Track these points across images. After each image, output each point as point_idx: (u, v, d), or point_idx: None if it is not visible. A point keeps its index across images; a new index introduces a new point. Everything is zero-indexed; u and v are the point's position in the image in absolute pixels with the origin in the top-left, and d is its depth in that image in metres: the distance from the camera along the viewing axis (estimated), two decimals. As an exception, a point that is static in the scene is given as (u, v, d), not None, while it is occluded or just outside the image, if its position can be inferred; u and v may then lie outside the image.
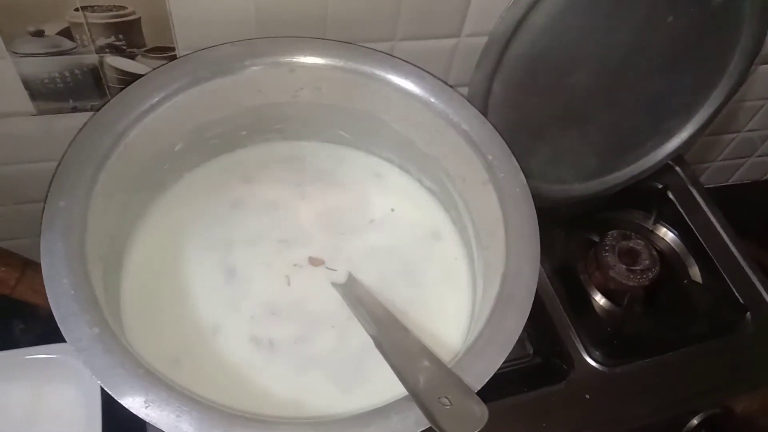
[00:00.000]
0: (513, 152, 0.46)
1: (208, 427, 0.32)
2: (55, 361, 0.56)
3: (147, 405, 0.32)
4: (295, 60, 0.47)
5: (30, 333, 0.66)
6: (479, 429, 0.33)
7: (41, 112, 0.52)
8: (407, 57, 0.49)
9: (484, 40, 0.53)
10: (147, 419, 0.32)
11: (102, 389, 0.53)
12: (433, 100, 0.47)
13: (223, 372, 0.42)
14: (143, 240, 0.47)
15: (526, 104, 0.56)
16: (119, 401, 0.32)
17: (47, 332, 0.65)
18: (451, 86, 0.47)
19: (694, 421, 0.59)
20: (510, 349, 0.37)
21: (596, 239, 0.66)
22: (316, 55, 0.47)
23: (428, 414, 0.34)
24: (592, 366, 0.59)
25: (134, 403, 0.32)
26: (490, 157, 0.45)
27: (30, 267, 0.57)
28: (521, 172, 0.44)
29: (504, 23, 0.49)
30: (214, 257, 0.48)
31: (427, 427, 0.34)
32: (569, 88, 0.56)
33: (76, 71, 0.49)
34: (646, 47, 0.55)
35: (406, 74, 0.48)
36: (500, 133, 0.46)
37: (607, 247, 0.64)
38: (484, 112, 0.51)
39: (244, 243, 0.49)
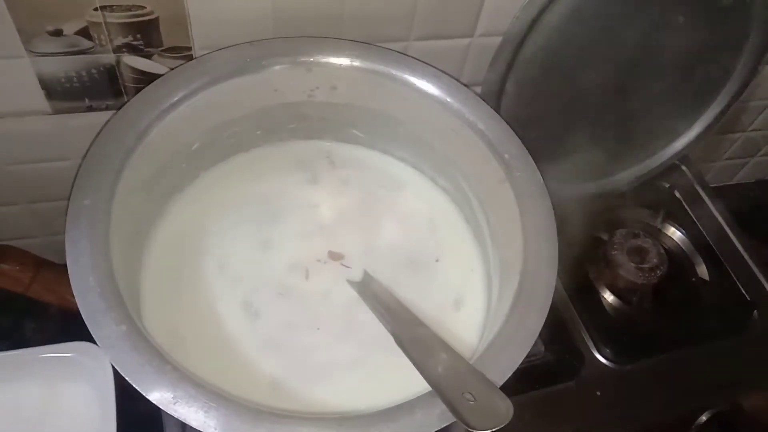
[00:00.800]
0: (526, 151, 0.46)
1: (236, 423, 0.32)
2: (68, 360, 0.56)
3: (175, 401, 0.32)
4: (311, 59, 0.48)
5: (41, 332, 0.66)
6: (504, 424, 0.34)
7: (57, 112, 0.52)
8: (421, 56, 0.49)
9: (497, 40, 0.54)
10: (176, 415, 0.32)
11: (116, 387, 0.54)
12: (449, 99, 0.47)
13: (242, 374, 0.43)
14: (161, 238, 0.47)
15: (537, 103, 0.56)
16: (147, 397, 0.32)
17: (58, 332, 0.66)
18: (466, 86, 0.48)
19: (703, 418, 0.60)
20: (531, 346, 0.37)
21: (605, 238, 0.66)
22: (332, 55, 0.48)
23: (453, 409, 0.34)
24: (603, 363, 0.60)
25: (163, 400, 0.32)
26: (506, 156, 0.45)
27: (44, 266, 0.57)
28: (538, 171, 0.45)
29: (518, 23, 0.49)
30: (231, 253, 0.48)
31: (451, 422, 0.34)
32: (580, 88, 0.56)
33: (93, 71, 0.49)
34: (656, 47, 0.55)
35: (422, 74, 0.48)
36: (516, 133, 0.46)
37: (615, 246, 0.65)
38: (497, 111, 0.51)
39: (260, 242, 0.50)
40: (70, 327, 0.65)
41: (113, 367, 0.53)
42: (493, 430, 0.33)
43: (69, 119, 0.53)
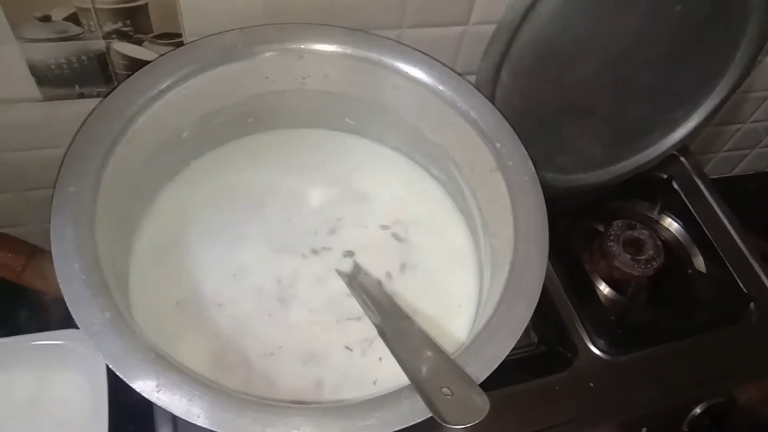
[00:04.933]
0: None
1: (219, 411, 0.32)
2: (60, 348, 0.56)
3: (159, 389, 0.32)
4: (303, 47, 0.47)
5: (35, 320, 0.66)
6: (479, 419, 0.33)
7: (48, 99, 0.52)
8: (415, 44, 0.49)
9: (491, 28, 0.53)
10: (159, 403, 0.32)
11: (108, 375, 0.54)
12: (441, 87, 0.47)
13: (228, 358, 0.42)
14: (151, 226, 0.47)
15: (532, 93, 0.56)
16: (131, 385, 0.32)
17: (52, 319, 0.66)
18: (459, 74, 0.47)
19: (698, 410, 0.59)
20: (518, 337, 0.37)
21: (601, 229, 0.66)
22: (324, 42, 0.47)
23: (429, 403, 0.34)
24: (597, 355, 0.59)
25: (146, 387, 0.32)
26: (498, 145, 0.45)
27: (37, 253, 0.57)
28: (530, 160, 0.44)
29: (512, 11, 0.49)
30: (221, 243, 0.48)
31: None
32: (576, 77, 0.55)
33: (83, 57, 0.49)
34: (653, 37, 0.55)
35: (414, 62, 0.47)
36: (509, 122, 0.46)
37: (611, 237, 0.64)
38: (492, 101, 0.51)
39: (250, 230, 0.49)
40: (65, 315, 0.65)
41: None
42: (468, 425, 0.33)
43: (60, 106, 0.52)
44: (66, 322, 0.56)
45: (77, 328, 0.54)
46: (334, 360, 0.43)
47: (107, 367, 0.53)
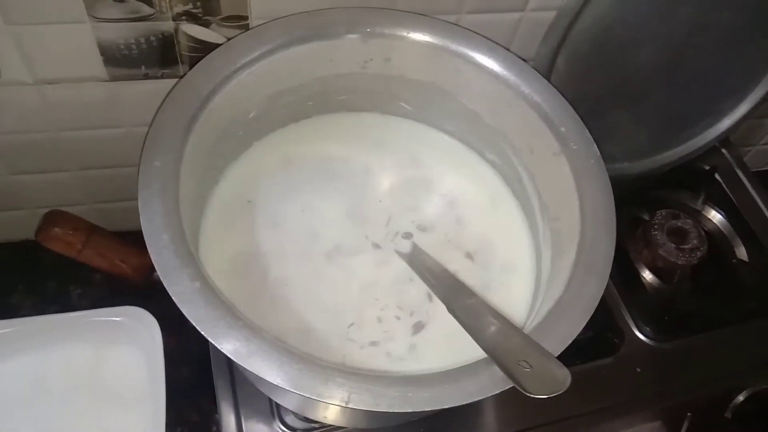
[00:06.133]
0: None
1: (308, 378, 0.33)
2: (118, 324, 0.57)
3: (249, 355, 0.33)
4: (368, 30, 0.48)
5: (86, 298, 0.68)
6: (562, 390, 0.34)
7: (113, 79, 0.53)
8: (472, 29, 0.49)
9: (546, 14, 0.54)
10: (250, 368, 0.33)
11: (165, 350, 0.55)
12: (505, 72, 0.48)
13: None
14: (217, 204, 0.48)
15: (586, 80, 0.56)
16: (221, 350, 0.33)
17: (102, 297, 0.67)
18: (523, 59, 0.48)
19: (740, 398, 0.60)
20: (591, 314, 0.38)
21: (645, 218, 0.67)
22: (390, 26, 0.48)
23: (510, 375, 0.35)
24: (643, 341, 0.60)
25: (237, 353, 0.33)
26: (563, 129, 0.46)
27: (96, 232, 0.58)
28: (594, 144, 0.45)
29: (574, -2, 0.49)
30: (284, 223, 0.49)
31: (511, 385, 0.35)
32: (630, 65, 0.56)
33: (152, 38, 0.50)
34: (708, 25, 0.55)
35: (478, 47, 0.48)
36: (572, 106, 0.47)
37: (656, 226, 0.65)
38: (549, 86, 0.51)
39: (313, 211, 0.50)
40: (114, 293, 0.67)
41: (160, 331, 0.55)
42: (551, 395, 0.34)
43: (125, 86, 0.53)
44: (118, 300, 0.58)
45: (127, 305, 0.57)
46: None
47: (162, 342, 0.55)
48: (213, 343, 0.33)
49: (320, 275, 0.47)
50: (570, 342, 0.37)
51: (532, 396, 0.33)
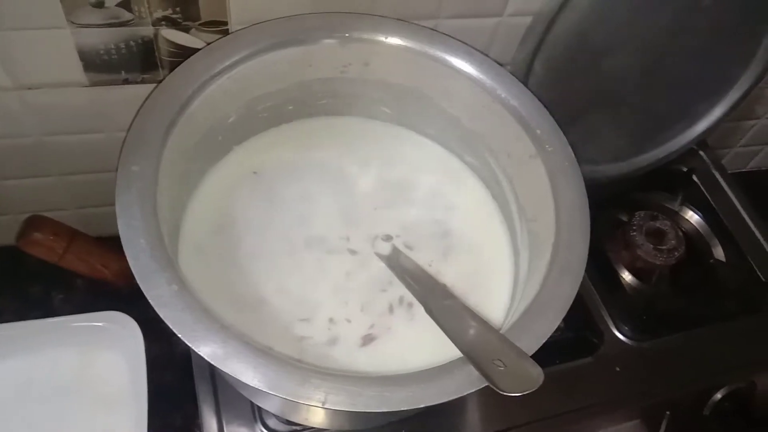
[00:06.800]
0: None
1: (284, 379, 0.34)
2: (100, 329, 0.57)
3: (226, 357, 0.34)
4: (347, 35, 0.49)
5: (69, 303, 0.67)
6: (535, 388, 0.35)
7: (93, 84, 0.53)
8: (450, 34, 0.50)
9: (524, 19, 0.55)
10: (227, 370, 0.33)
11: (147, 355, 0.55)
12: (482, 76, 0.48)
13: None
14: (198, 209, 0.48)
15: (563, 84, 0.57)
16: (199, 353, 0.34)
17: (85, 302, 0.67)
18: (500, 64, 0.49)
19: (719, 395, 0.61)
20: (565, 313, 0.39)
21: (624, 219, 0.68)
22: (368, 31, 0.49)
23: (485, 374, 0.35)
24: (622, 340, 0.61)
25: (215, 356, 0.34)
26: (538, 132, 0.46)
27: (77, 237, 0.58)
28: (569, 146, 0.46)
29: (550, 3, 0.50)
30: (262, 227, 0.49)
31: (485, 384, 0.36)
32: (607, 69, 0.57)
33: (132, 43, 0.50)
34: (684, 30, 0.56)
35: (455, 51, 0.49)
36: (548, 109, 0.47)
37: (634, 227, 0.66)
38: (525, 91, 0.52)
39: (291, 215, 0.51)
40: (96, 298, 0.67)
41: (143, 336, 0.55)
42: (524, 394, 0.34)
43: (105, 92, 0.53)
44: (100, 305, 0.58)
45: (109, 310, 0.57)
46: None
47: (144, 347, 0.56)
48: (190, 345, 0.34)
49: (296, 266, 0.48)
50: (544, 341, 0.38)
51: (505, 394, 0.33)
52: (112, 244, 0.49)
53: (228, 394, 0.52)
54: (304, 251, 0.49)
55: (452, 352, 0.38)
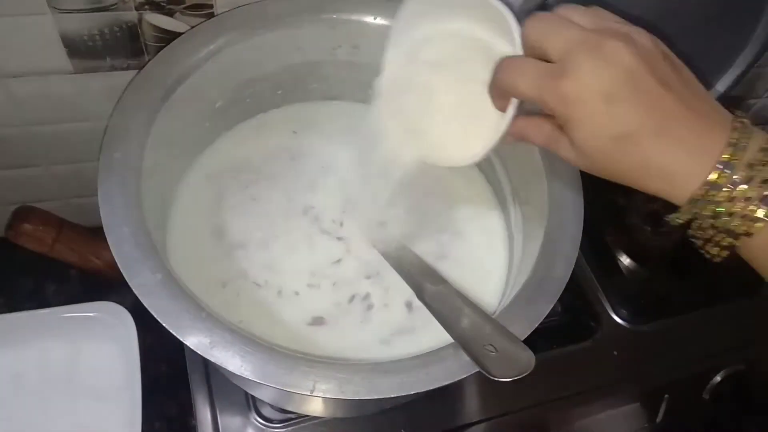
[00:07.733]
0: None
1: (271, 367, 0.33)
2: (92, 319, 0.56)
3: (212, 346, 0.33)
4: (335, 17, 0.48)
5: (62, 294, 0.67)
6: (526, 372, 0.34)
7: (78, 71, 0.52)
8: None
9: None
10: (213, 359, 0.33)
11: (140, 345, 0.55)
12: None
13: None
14: (186, 195, 0.48)
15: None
16: (185, 342, 0.33)
17: (78, 293, 0.66)
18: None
19: (718, 378, 0.61)
20: (557, 297, 0.38)
21: (622, 202, 0.67)
22: (356, 12, 0.48)
23: (475, 359, 0.35)
24: (620, 324, 0.60)
25: (200, 345, 0.33)
26: (532, 112, 0.45)
27: (66, 226, 0.57)
28: (563, 128, 0.45)
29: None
30: (251, 214, 0.49)
31: (476, 370, 0.35)
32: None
33: (115, 28, 0.49)
34: (678, 10, 0.55)
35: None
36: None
37: (633, 211, 0.65)
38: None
39: (281, 201, 0.50)
40: (90, 289, 0.66)
41: (136, 327, 0.55)
42: (515, 378, 0.34)
43: (90, 79, 0.52)
44: (94, 296, 0.58)
45: (103, 300, 0.56)
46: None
47: (138, 337, 0.55)
48: (175, 334, 0.33)
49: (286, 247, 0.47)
50: (537, 325, 0.37)
51: (496, 379, 0.33)
52: (104, 234, 0.48)
53: (222, 384, 0.52)
54: (293, 232, 0.48)
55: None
